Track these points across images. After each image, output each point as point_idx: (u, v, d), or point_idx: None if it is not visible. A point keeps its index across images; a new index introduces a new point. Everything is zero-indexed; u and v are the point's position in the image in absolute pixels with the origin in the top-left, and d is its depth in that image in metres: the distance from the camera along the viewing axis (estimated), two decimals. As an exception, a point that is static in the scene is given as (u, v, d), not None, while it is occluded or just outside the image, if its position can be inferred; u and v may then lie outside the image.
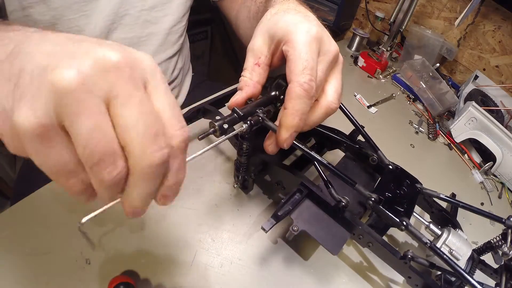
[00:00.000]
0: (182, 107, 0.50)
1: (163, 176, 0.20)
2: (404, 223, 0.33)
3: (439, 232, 0.36)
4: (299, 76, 0.28)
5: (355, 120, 0.39)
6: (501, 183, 0.65)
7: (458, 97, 0.80)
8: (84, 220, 0.20)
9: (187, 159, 0.21)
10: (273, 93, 0.34)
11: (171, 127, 0.19)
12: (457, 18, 0.76)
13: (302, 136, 0.38)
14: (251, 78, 0.33)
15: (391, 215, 0.34)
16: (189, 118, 0.44)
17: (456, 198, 0.42)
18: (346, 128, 0.46)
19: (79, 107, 0.16)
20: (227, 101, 0.35)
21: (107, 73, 0.17)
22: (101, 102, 0.17)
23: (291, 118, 0.29)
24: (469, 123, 0.67)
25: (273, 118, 0.33)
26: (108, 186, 0.18)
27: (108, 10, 0.50)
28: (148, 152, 0.18)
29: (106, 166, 0.17)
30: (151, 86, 0.19)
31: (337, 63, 0.33)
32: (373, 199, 0.32)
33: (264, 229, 0.32)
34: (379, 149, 0.38)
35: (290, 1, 0.38)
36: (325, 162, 0.33)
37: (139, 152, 0.18)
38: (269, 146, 0.32)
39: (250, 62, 0.33)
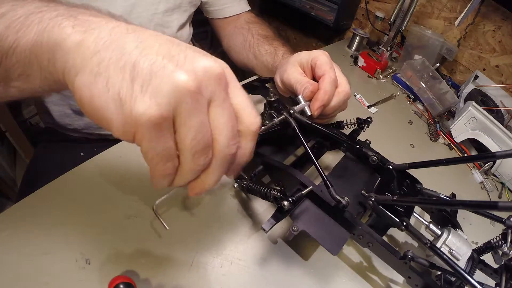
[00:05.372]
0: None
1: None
2: (404, 223, 0.33)
3: (439, 232, 0.36)
4: (330, 72, 0.43)
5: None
6: (501, 183, 0.65)
7: (458, 97, 0.80)
8: (158, 201, 0.27)
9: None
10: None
11: (249, 117, 0.24)
12: (457, 18, 0.76)
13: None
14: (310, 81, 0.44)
15: (391, 215, 0.34)
16: None
17: (456, 198, 0.42)
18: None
19: (194, 105, 0.20)
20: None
21: (212, 81, 0.21)
22: (206, 103, 0.21)
23: (323, 95, 0.42)
24: (469, 123, 0.67)
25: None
26: (199, 170, 0.23)
27: (121, 11, 0.51)
28: (231, 144, 0.23)
29: (204, 154, 0.22)
30: (231, 86, 0.24)
31: (337, 66, 0.47)
32: (373, 199, 0.33)
33: (264, 229, 0.32)
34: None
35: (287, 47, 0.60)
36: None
37: (224, 145, 0.23)
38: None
39: (300, 76, 0.45)
